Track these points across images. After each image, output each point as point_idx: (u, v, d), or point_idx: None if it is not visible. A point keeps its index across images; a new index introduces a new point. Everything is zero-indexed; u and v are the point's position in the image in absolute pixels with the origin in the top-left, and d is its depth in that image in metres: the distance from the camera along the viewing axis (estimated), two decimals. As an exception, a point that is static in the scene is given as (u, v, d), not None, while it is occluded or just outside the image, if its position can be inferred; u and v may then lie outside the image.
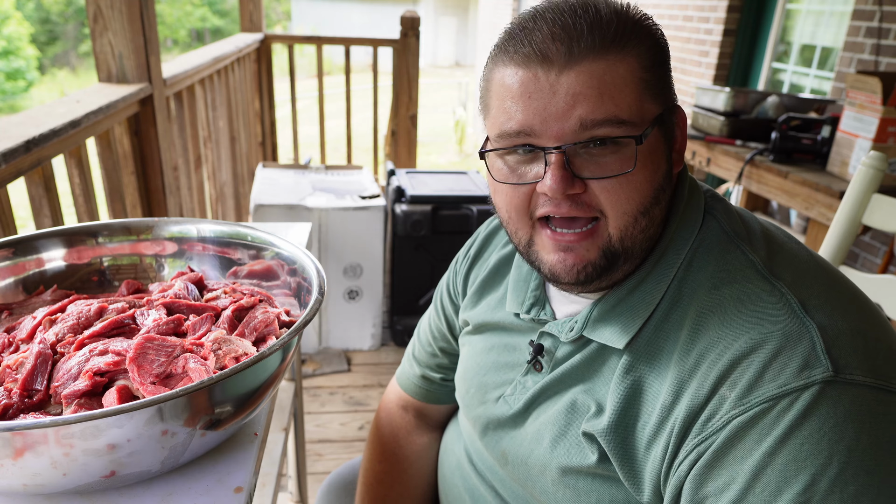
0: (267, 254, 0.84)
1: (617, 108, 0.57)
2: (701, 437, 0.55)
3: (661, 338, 0.62)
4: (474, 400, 0.81)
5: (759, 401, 0.52)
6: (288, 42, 3.51)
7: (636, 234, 0.62)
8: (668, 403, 0.59)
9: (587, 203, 0.60)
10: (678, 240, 0.65)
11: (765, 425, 0.52)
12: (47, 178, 1.26)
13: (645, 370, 0.62)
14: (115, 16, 1.62)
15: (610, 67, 0.57)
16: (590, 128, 0.58)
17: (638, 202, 0.60)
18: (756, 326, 0.56)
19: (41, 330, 0.70)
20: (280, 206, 2.39)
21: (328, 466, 1.99)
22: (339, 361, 2.55)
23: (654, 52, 0.61)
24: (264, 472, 1.04)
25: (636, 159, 0.58)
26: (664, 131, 0.62)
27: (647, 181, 0.60)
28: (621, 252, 0.62)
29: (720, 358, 0.56)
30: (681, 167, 0.66)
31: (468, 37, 20.72)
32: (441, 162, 9.12)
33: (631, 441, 0.62)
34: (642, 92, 0.59)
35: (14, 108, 12.83)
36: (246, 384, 0.60)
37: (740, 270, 0.61)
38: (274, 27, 19.98)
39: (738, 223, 0.65)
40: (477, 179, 2.82)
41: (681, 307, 0.62)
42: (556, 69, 0.57)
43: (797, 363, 0.52)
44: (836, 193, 1.98)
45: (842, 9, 3.41)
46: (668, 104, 0.63)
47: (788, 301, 0.56)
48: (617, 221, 0.60)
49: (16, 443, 0.50)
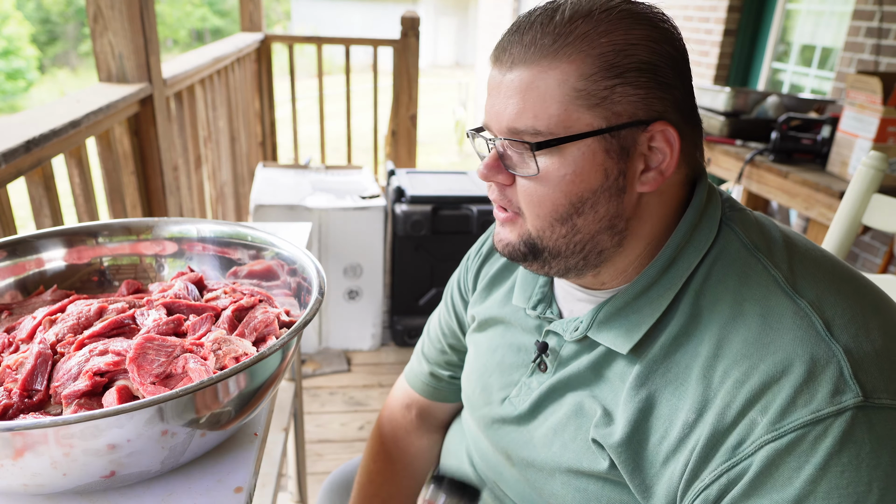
0: (267, 254, 0.84)
1: (535, 118, 0.59)
2: (732, 462, 0.55)
3: (680, 352, 0.61)
4: (479, 401, 0.81)
5: (793, 427, 0.53)
6: (288, 42, 3.51)
7: (556, 238, 0.63)
8: (690, 421, 0.58)
9: (509, 198, 0.65)
10: (690, 249, 0.64)
11: (802, 452, 0.52)
12: (47, 178, 1.26)
13: (661, 383, 0.61)
14: (115, 16, 1.62)
15: (539, 74, 0.59)
16: (513, 132, 0.61)
17: (549, 208, 0.62)
18: (782, 347, 0.56)
19: (41, 330, 0.70)
20: (280, 206, 2.39)
21: (328, 466, 1.99)
22: (339, 361, 2.55)
23: (607, 60, 0.57)
24: (264, 472, 1.04)
25: (538, 165, 0.61)
26: (608, 146, 0.59)
27: (558, 190, 0.61)
28: (541, 247, 0.64)
29: (747, 378, 0.56)
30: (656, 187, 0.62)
31: (468, 37, 20.71)
32: (441, 162, 9.12)
33: (644, 455, 0.61)
34: (571, 102, 0.58)
35: (14, 108, 12.83)
36: (246, 384, 0.60)
37: (762, 286, 0.60)
38: (274, 27, 19.97)
39: (758, 234, 0.64)
40: (477, 179, 2.82)
41: (701, 322, 0.61)
42: (504, 70, 0.61)
43: (828, 389, 0.53)
44: (836, 193, 1.98)
45: (842, 9, 3.41)
46: (625, 120, 0.59)
47: (813, 322, 0.56)
48: (532, 221, 0.64)
49: (16, 443, 0.50)
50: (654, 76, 0.58)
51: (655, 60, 0.58)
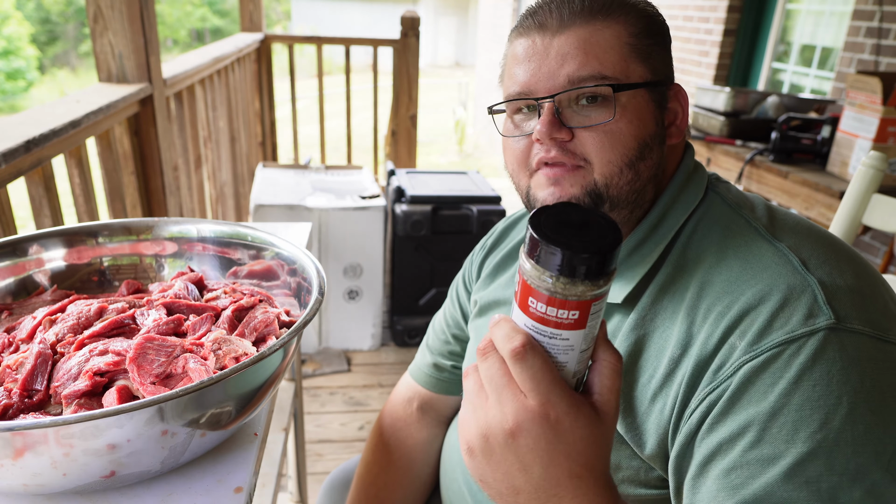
0: (267, 254, 0.84)
1: (601, 65, 0.64)
2: (713, 386, 0.57)
3: (667, 298, 0.65)
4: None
5: (769, 346, 0.55)
6: (288, 42, 3.51)
7: (621, 185, 0.66)
8: (675, 356, 0.61)
9: (573, 151, 0.66)
10: (678, 206, 0.69)
11: (776, 369, 0.54)
12: (47, 178, 1.26)
13: (650, 328, 0.65)
14: (115, 16, 1.62)
15: (596, 31, 0.64)
16: (576, 83, 0.64)
17: (621, 153, 0.64)
18: (761, 281, 0.59)
19: (41, 330, 0.70)
20: (280, 206, 2.39)
21: (328, 466, 1.99)
22: (339, 361, 2.55)
23: (644, 22, 0.66)
24: (264, 472, 1.04)
25: (615, 109, 0.64)
26: (654, 97, 0.67)
27: (629, 134, 0.64)
28: (605, 197, 0.66)
29: (728, 310, 0.59)
30: (678, 140, 0.70)
31: (468, 37, 20.71)
32: (441, 162, 9.12)
33: (633, 395, 0.65)
34: (628, 55, 0.65)
35: (14, 108, 12.83)
36: (246, 384, 0.60)
37: (743, 234, 0.65)
38: (274, 27, 19.98)
39: (741, 198, 0.70)
40: (477, 179, 2.82)
41: (686, 270, 0.65)
42: (550, 34, 0.65)
43: (802, 312, 0.56)
44: (836, 193, 1.98)
45: (842, 9, 3.41)
46: (660, 76, 0.67)
47: (790, 259, 0.60)
48: (602, 168, 0.65)
49: (16, 443, 0.50)
50: (666, 41, 0.69)
51: (666, 30, 0.69)
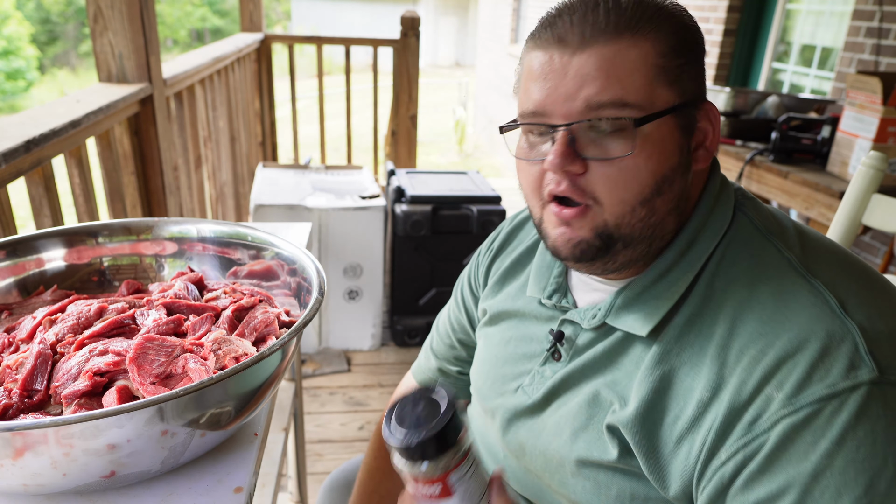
0: (267, 254, 0.84)
1: (623, 90, 0.58)
2: (748, 438, 0.55)
3: (693, 332, 0.61)
4: (491, 391, 0.81)
5: (809, 402, 0.52)
6: (288, 42, 3.51)
7: (634, 223, 0.61)
8: (705, 399, 0.58)
9: (582, 188, 0.61)
10: (707, 232, 0.64)
11: (818, 427, 0.52)
12: (47, 178, 1.26)
13: (676, 363, 0.61)
14: (115, 16, 1.62)
15: (621, 51, 0.58)
16: (595, 109, 0.58)
17: (636, 191, 0.60)
18: (798, 325, 0.56)
19: (41, 330, 0.70)
20: (280, 206, 2.39)
21: (328, 466, 1.99)
22: (339, 361, 2.55)
23: (676, 39, 0.60)
24: (264, 472, 1.04)
25: (635, 143, 0.58)
26: (681, 122, 0.61)
27: (647, 169, 0.59)
28: (618, 237, 0.62)
29: (763, 356, 0.56)
30: (705, 165, 0.65)
31: (468, 37, 20.71)
32: (441, 162, 9.12)
33: (658, 434, 0.61)
34: (654, 78, 0.59)
35: (14, 108, 12.82)
36: (246, 384, 0.60)
37: (776, 267, 0.60)
38: (274, 27, 19.97)
39: (770, 220, 0.65)
40: (477, 179, 2.82)
41: (714, 303, 0.61)
42: (570, 51, 0.59)
43: (843, 364, 0.53)
44: (836, 193, 1.98)
45: (842, 9, 3.41)
46: (689, 96, 0.61)
47: (827, 300, 0.56)
48: (613, 209, 0.61)
49: (16, 443, 0.50)
50: (700, 56, 0.63)
51: (700, 41, 0.63)
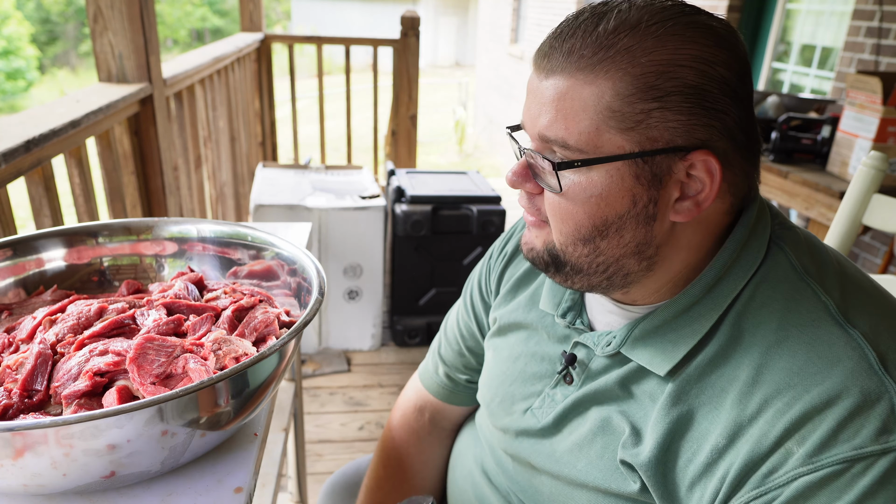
0: (267, 254, 0.84)
1: (566, 131, 0.56)
2: (760, 491, 0.52)
3: (716, 374, 0.58)
4: (500, 410, 0.79)
5: (830, 462, 0.49)
6: (288, 42, 3.51)
7: (579, 256, 0.61)
8: (720, 446, 0.55)
9: (538, 207, 0.64)
10: (737, 268, 0.60)
11: (835, 489, 0.49)
12: (47, 178, 1.25)
13: (695, 405, 0.58)
14: (115, 16, 1.62)
15: (574, 87, 0.55)
16: (543, 140, 0.59)
17: (572, 227, 0.60)
18: (830, 378, 0.52)
19: (41, 330, 0.70)
20: (280, 206, 2.39)
21: (328, 466, 1.99)
22: (339, 361, 2.55)
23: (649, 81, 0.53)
24: (264, 472, 1.04)
25: (561, 184, 0.58)
26: (637, 171, 0.56)
27: (583, 212, 0.58)
28: (564, 261, 0.62)
29: (788, 408, 0.52)
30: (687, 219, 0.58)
31: (468, 37, 20.71)
32: (441, 162, 9.12)
33: (672, 477, 0.59)
34: (604, 122, 0.54)
35: (14, 108, 12.83)
36: (246, 384, 0.60)
37: (812, 312, 0.56)
38: (274, 27, 19.97)
39: (808, 257, 0.60)
40: (477, 179, 2.82)
41: (741, 345, 0.58)
42: (543, 74, 0.59)
43: (875, 426, 0.49)
44: (836, 193, 1.98)
45: (842, 9, 3.41)
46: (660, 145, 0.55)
47: (866, 354, 0.52)
48: (557, 236, 0.62)
49: (16, 443, 0.50)
50: (701, 101, 0.53)
51: (704, 84, 0.53)
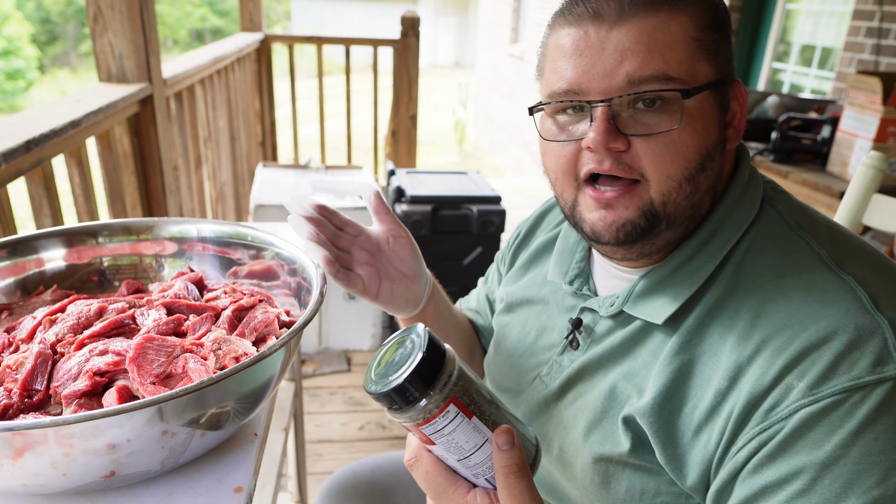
0: (267, 254, 0.84)
1: (666, 64, 0.57)
2: (764, 426, 0.54)
3: (715, 323, 0.60)
4: (509, 381, 0.81)
5: (830, 392, 0.52)
6: (288, 42, 3.51)
7: (679, 201, 0.60)
8: (723, 388, 0.57)
9: (628, 164, 0.59)
10: (731, 223, 0.63)
11: (836, 417, 0.51)
12: (47, 178, 1.26)
13: (696, 353, 0.61)
14: (115, 16, 1.62)
15: (661, 24, 0.57)
16: (637, 84, 0.57)
17: (682, 166, 0.59)
18: (826, 317, 0.55)
19: (41, 330, 0.70)
20: (280, 206, 2.38)
21: (328, 466, 1.99)
22: (339, 361, 2.55)
23: (711, 14, 0.60)
24: (264, 472, 1.04)
25: (682, 116, 0.58)
26: (718, 98, 0.61)
27: (693, 144, 0.59)
28: (662, 216, 0.61)
29: (787, 346, 0.55)
30: (736, 143, 0.65)
31: (468, 37, 20.71)
32: (441, 162, 9.12)
33: (675, 424, 0.60)
34: (695, 51, 0.58)
35: (14, 108, 12.83)
36: (246, 384, 0.60)
37: (805, 261, 0.59)
38: (274, 27, 19.97)
39: (800, 214, 0.64)
40: (477, 179, 2.82)
41: (738, 295, 0.60)
42: (607, 25, 0.58)
43: (870, 358, 0.52)
44: (836, 193, 1.98)
45: (842, 9, 3.41)
46: (724, 73, 0.61)
47: (858, 295, 0.55)
48: (659, 185, 0.59)
49: (16, 443, 0.50)
50: (731, 32, 0.62)
51: (728, 16, 0.62)
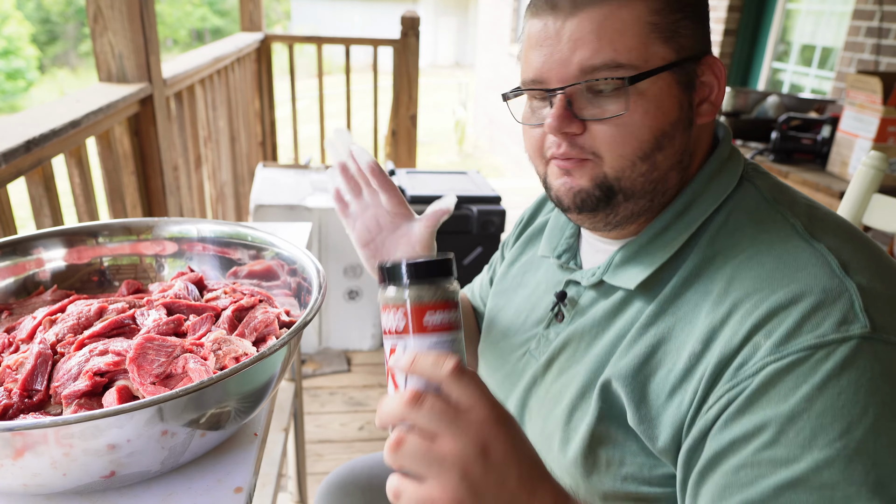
0: (267, 254, 0.84)
1: (615, 52, 0.60)
2: (733, 383, 0.55)
3: (691, 290, 0.62)
4: (499, 361, 0.82)
5: (796, 349, 0.53)
6: (288, 42, 3.51)
7: (635, 177, 0.63)
8: (696, 351, 0.59)
9: (581, 145, 0.63)
10: (707, 196, 0.65)
11: (801, 373, 0.52)
12: (47, 178, 1.26)
13: (671, 321, 0.62)
14: (115, 16, 1.62)
15: (612, 12, 0.60)
16: (589, 72, 0.61)
17: (635, 146, 0.62)
18: (795, 281, 0.56)
19: (41, 330, 0.70)
20: (280, 206, 2.38)
21: (328, 466, 1.99)
22: (339, 361, 2.55)
23: None
24: (264, 472, 1.04)
25: (628, 100, 0.60)
26: (680, 78, 0.62)
27: (645, 125, 0.61)
28: (618, 189, 0.64)
29: (756, 308, 0.56)
30: (710, 119, 0.66)
31: (468, 37, 20.71)
32: (441, 162, 9.12)
33: (650, 387, 0.62)
34: (647, 35, 0.60)
35: (14, 108, 12.82)
36: (246, 384, 0.60)
37: (779, 231, 0.61)
38: (274, 27, 19.96)
39: (779, 192, 0.66)
40: (477, 179, 2.82)
41: (714, 264, 0.62)
42: (563, 16, 0.61)
43: (836, 318, 0.53)
44: (836, 193, 1.98)
45: (842, 9, 3.41)
46: (688, 52, 0.62)
47: (828, 261, 0.57)
48: (612, 163, 0.63)
49: (16, 443, 0.50)
50: (703, 10, 0.64)
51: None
